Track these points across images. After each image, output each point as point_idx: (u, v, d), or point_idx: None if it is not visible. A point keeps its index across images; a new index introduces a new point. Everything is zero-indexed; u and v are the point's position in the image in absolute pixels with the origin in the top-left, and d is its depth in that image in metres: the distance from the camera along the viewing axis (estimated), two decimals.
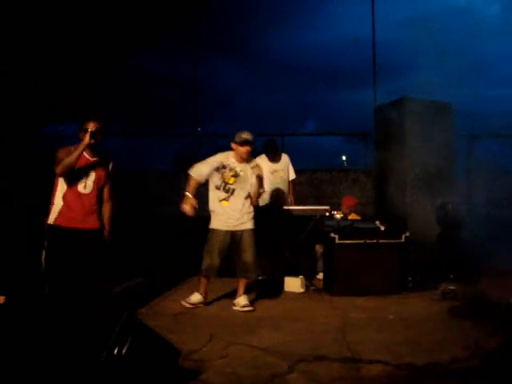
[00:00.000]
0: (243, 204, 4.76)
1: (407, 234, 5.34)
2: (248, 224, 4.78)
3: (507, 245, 5.59)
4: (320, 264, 5.94)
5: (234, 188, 4.72)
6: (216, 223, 4.77)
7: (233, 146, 4.74)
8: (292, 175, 6.16)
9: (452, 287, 5.25)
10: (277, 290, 5.65)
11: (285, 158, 6.12)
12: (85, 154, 3.87)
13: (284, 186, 6.09)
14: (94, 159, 3.97)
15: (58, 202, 3.87)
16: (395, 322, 4.22)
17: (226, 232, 4.72)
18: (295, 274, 5.66)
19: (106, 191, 4.06)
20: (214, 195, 4.79)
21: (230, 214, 4.72)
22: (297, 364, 3.12)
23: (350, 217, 6.04)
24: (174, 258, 6.85)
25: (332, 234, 5.31)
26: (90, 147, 3.86)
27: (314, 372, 3.01)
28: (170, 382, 2.71)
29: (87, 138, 3.75)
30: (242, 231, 4.73)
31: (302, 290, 5.50)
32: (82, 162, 3.86)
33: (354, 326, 4.08)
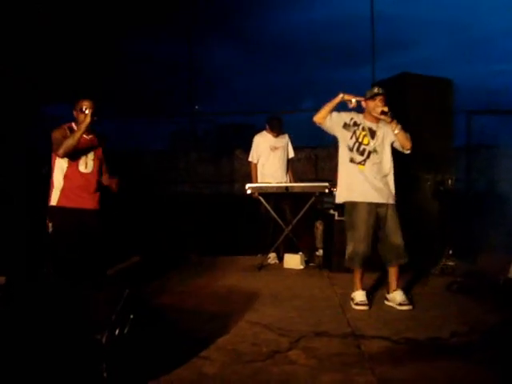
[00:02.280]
0: (384, 173, 3.94)
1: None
2: (391, 198, 3.96)
3: (505, 221, 5.61)
4: (319, 241, 5.95)
5: (369, 150, 3.90)
6: (354, 195, 3.91)
7: (363, 104, 3.99)
8: (291, 153, 6.17)
9: (451, 263, 5.27)
10: (277, 266, 5.69)
11: (285, 136, 6.11)
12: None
13: (283, 164, 6.09)
14: (91, 137, 3.93)
15: (58, 183, 3.83)
16: None
17: (370, 205, 3.86)
18: (295, 251, 5.69)
19: (103, 167, 4.07)
20: (346, 157, 3.96)
21: (371, 181, 3.88)
22: (297, 340, 3.14)
23: None
24: (175, 238, 6.88)
25: (331, 211, 5.31)
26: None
27: (314, 348, 3.03)
28: (172, 359, 2.73)
29: (89, 118, 3.67)
30: (387, 206, 3.90)
31: (301, 267, 5.52)
32: (81, 142, 3.79)
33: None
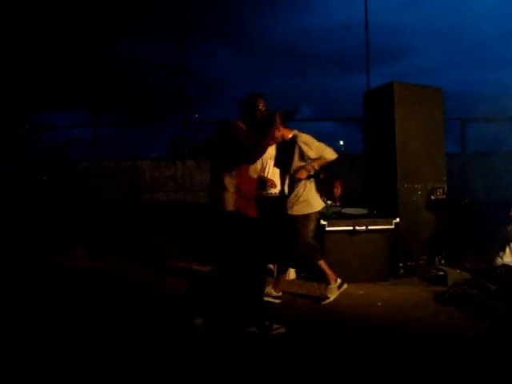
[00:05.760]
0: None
1: (397, 219, 5.32)
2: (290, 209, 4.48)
3: (499, 228, 5.58)
4: None
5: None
6: None
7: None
8: None
9: (442, 272, 5.25)
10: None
11: None
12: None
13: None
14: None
15: (230, 188, 3.51)
16: (383, 309, 4.23)
17: None
18: None
19: None
20: None
21: None
22: None
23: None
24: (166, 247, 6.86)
25: (322, 221, 5.30)
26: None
27: None
28: None
29: (279, 121, 3.47)
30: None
31: (292, 277, 5.50)
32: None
33: (342, 314, 4.08)
